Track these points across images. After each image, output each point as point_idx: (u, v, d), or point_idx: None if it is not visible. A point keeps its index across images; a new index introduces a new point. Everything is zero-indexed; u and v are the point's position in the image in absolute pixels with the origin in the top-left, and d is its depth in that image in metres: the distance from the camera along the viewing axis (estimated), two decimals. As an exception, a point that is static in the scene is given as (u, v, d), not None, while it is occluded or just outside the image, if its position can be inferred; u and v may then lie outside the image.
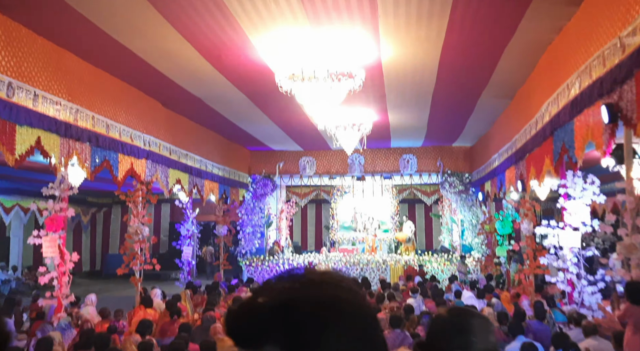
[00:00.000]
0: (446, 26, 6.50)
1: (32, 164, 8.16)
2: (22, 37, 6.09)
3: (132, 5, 5.82)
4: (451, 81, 8.93)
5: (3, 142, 5.43)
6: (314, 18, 6.34)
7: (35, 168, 9.78)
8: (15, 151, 5.66)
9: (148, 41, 7.00)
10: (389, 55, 7.54)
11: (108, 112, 7.88)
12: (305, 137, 14.14)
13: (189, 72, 8.34)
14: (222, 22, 6.39)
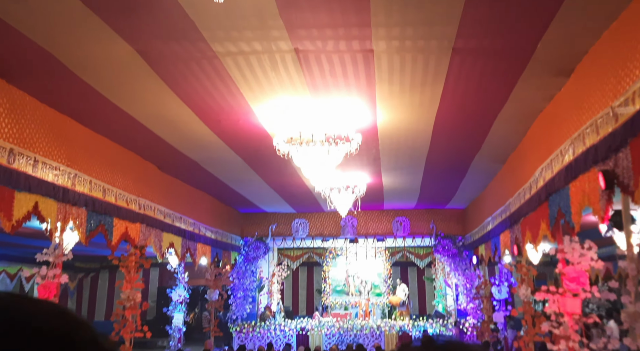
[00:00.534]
0: (440, 93, 6.71)
1: (22, 229, 8.05)
2: (25, 104, 6.21)
3: (136, 72, 5.96)
4: (445, 145, 9.10)
5: (1, 209, 5.39)
6: (314, 88, 6.54)
7: (24, 233, 9.61)
8: (13, 216, 5.62)
9: (149, 107, 7.13)
10: (384, 119, 7.73)
11: (105, 177, 7.90)
12: (299, 199, 14.17)
13: (186, 136, 8.44)
14: (223, 89, 6.55)
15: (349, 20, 4.97)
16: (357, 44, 5.42)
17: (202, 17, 4.86)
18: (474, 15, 4.80)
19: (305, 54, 5.60)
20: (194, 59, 5.71)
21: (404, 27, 5.09)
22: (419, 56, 5.70)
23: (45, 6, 4.69)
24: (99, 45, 5.34)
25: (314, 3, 4.66)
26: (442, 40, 5.32)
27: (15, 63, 5.74)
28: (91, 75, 6.05)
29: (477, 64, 5.90)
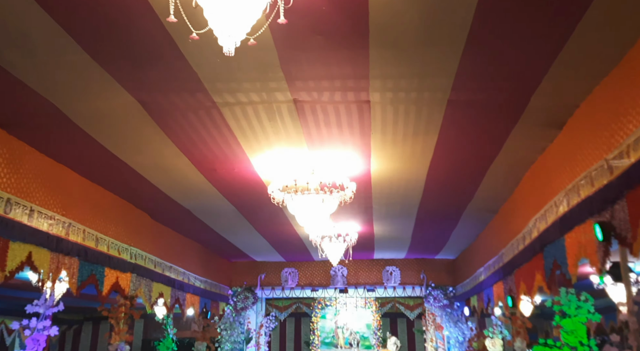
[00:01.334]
0: (434, 144, 6.83)
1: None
2: (24, 154, 6.23)
3: (136, 122, 6.01)
4: (437, 194, 9.18)
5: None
6: (309, 137, 6.64)
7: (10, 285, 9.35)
8: (6, 267, 5.52)
9: (146, 156, 7.14)
10: (378, 169, 7.81)
11: (98, 226, 7.83)
12: (289, 248, 14.05)
13: (181, 185, 8.42)
14: (219, 138, 6.62)
15: (346, 72, 5.10)
16: (353, 95, 5.55)
17: (204, 69, 4.97)
18: (469, 69, 4.97)
19: (302, 104, 5.72)
20: (192, 109, 5.79)
21: (398, 79, 5.24)
22: (412, 107, 5.84)
23: (53, 59, 4.76)
24: (101, 96, 5.41)
25: (313, 56, 4.80)
26: (436, 92, 5.47)
27: (17, 114, 5.77)
28: (91, 125, 6.09)
29: (471, 115, 6.05)
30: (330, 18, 4.19)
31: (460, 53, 4.68)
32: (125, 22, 4.22)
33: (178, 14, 3.22)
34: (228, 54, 3.23)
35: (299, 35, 4.42)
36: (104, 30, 4.33)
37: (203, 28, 3.31)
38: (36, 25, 4.23)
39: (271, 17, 3.46)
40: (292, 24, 3.61)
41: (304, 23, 4.21)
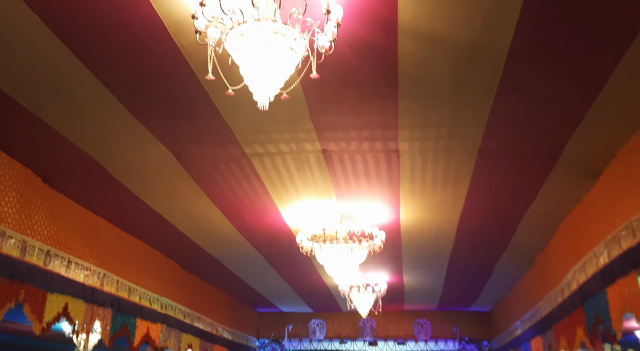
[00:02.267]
0: (465, 193, 6.75)
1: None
2: (64, 207, 6.44)
3: (170, 173, 6.16)
4: (469, 244, 9.00)
5: (33, 310, 5.41)
6: (339, 191, 6.69)
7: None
8: (44, 318, 5.60)
9: (178, 206, 7.27)
10: (408, 217, 7.74)
11: (131, 276, 7.95)
12: (317, 298, 13.85)
13: (211, 234, 8.49)
14: (248, 188, 6.71)
15: (375, 123, 5.16)
16: (381, 144, 5.58)
17: (236, 121, 5.10)
18: (500, 118, 4.96)
19: (330, 154, 5.78)
20: (223, 160, 5.91)
21: (427, 129, 5.26)
22: (441, 156, 5.83)
23: (96, 117, 5.00)
24: (139, 149, 5.59)
25: (343, 107, 4.88)
26: (465, 141, 5.46)
27: (59, 168, 5.99)
28: (128, 177, 6.27)
29: (503, 164, 5.99)
30: (360, 71, 4.29)
31: (491, 102, 4.69)
32: (164, 79, 4.40)
33: (215, 72, 3.34)
34: (262, 108, 3.32)
35: (329, 88, 4.52)
36: (145, 87, 4.53)
37: (238, 84, 3.42)
38: (82, 85, 4.45)
39: (303, 72, 3.56)
40: (323, 77, 3.71)
41: (334, 76, 4.32)
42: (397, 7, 3.52)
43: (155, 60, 4.12)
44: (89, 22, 3.68)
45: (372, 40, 3.87)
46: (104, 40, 3.88)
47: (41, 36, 3.79)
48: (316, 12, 3.18)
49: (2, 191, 5.33)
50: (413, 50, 4.01)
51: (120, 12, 3.56)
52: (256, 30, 3.06)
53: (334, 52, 3.41)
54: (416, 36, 3.84)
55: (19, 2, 3.47)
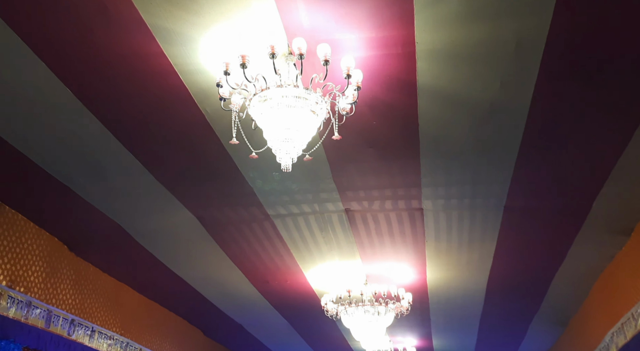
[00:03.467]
0: (494, 250, 6.60)
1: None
2: (89, 275, 6.49)
3: (193, 236, 6.18)
4: (500, 305, 8.71)
5: (56, 383, 5.31)
6: (363, 251, 6.63)
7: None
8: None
9: (200, 270, 7.23)
10: (435, 277, 7.56)
11: (154, 344, 7.83)
12: (344, 365, 13.38)
13: (234, 298, 8.38)
14: (271, 250, 6.67)
15: (397, 182, 5.15)
16: (404, 203, 5.55)
17: (259, 183, 5.13)
18: (524, 175, 4.92)
19: (353, 214, 5.75)
20: (246, 222, 5.92)
21: (450, 187, 5.22)
22: (466, 214, 5.76)
23: (122, 184, 5.09)
24: (163, 214, 5.65)
25: (364, 167, 4.90)
26: (490, 199, 5.39)
27: (85, 235, 6.07)
28: (152, 242, 6.30)
29: (530, 221, 5.87)
30: (381, 131, 4.34)
31: (514, 159, 4.67)
32: (189, 145, 4.50)
33: (239, 136, 3.42)
34: (285, 170, 3.35)
35: (351, 148, 4.57)
36: (170, 153, 4.63)
37: (262, 147, 3.48)
38: (109, 153, 4.56)
39: (325, 134, 3.62)
40: (344, 138, 3.76)
41: (355, 137, 4.37)
42: (416, 69, 3.60)
43: (181, 126, 4.23)
44: (119, 93, 3.83)
45: (392, 101, 3.94)
46: (133, 109, 4.02)
47: (73, 109, 3.94)
48: (337, 76, 3.27)
49: (30, 261, 5.39)
50: (433, 111, 4.05)
51: (149, 83, 3.70)
52: (279, 96, 3.14)
53: (354, 114, 3.47)
54: (436, 97, 3.90)
55: (55, 80, 3.64)
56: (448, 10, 3.11)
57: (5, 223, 5.13)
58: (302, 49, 2.99)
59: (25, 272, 5.30)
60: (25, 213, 5.43)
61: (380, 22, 3.19)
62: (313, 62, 3.35)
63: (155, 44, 3.33)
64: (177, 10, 3.08)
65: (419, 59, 3.49)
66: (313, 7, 3.06)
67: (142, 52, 3.41)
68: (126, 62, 3.50)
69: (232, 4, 3.03)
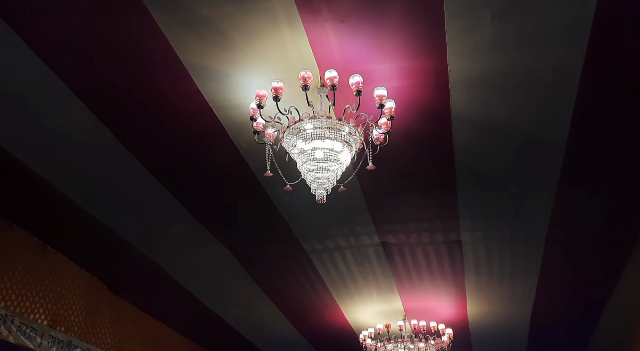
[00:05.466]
0: (537, 283, 6.36)
1: None
2: (127, 313, 6.54)
3: (231, 274, 6.18)
4: (546, 340, 8.36)
5: None
6: (401, 285, 6.52)
7: None
8: None
9: (239, 308, 7.20)
10: (476, 312, 7.33)
11: (193, 385, 7.74)
12: (385, 406, 12.93)
13: (272, 337, 8.29)
14: (309, 288, 6.60)
15: (434, 214, 5.06)
16: (441, 235, 5.44)
17: (294, 218, 5.11)
18: (566, 205, 4.77)
19: (390, 247, 5.66)
20: (282, 258, 5.90)
21: (489, 219, 5.09)
22: (506, 246, 5.60)
23: (160, 222, 5.14)
24: (201, 252, 5.68)
25: (400, 199, 4.83)
26: (531, 230, 5.23)
27: (125, 275, 6.14)
28: (190, 280, 6.32)
29: (574, 253, 5.65)
30: (416, 162, 4.30)
31: (555, 190, 4.53)
32: (225, 180, 4.55)
33: (273, 169, 3.42)
34: (320, 201, 3.33)
35: (386, 180, 4.52)
36: (206, 189, 4.67)
37: (296, 180, 3.47)
38: (148, 192, 4.63)
39: (359, 165, 3.59)
40: (379, 169, 3.74)
41: (390, 168, 4.33)
42: (450, 98, 3.57)
43: (216, 162, 4.29)
44: (157, 132, 3.91)
45: (426, 131, 3.91)
46: (171, 147, 4.10)
47: (114, 150, 4.05)
48: (370, 106, 3.27)
49: (70, 300, 5.46)
50: (469, 140, 3.99)
51: (186, 121, 3.78)
52: (311, 127, 3.15)
53: (388, 145, 3.45)
54: (471, 126, 3.84)
55: (96, 121, 3.75)
56: (481, 39, 3.09)
57: (47, 263, 5.23)
58: (334, 80, 3.01)
59: (65, 311, 5.36)
60: (67, 254, 5.53)
61: (412, 52, 3.19)
62: (345, 94, 3.37)
63: (191, 81, 3.41)
64: (211, 47, 3.15)
65: (452, 88, 3.46)
66: (345, 39, 3.09)
67: (179, 91, 3.50)
68: (165, 101, 3.59)
69: (265, 38, 3.09)
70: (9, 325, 4.50)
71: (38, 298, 5.02)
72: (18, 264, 4.83)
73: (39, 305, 5.02)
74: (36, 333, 4.81)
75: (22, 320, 4.70)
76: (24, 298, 4.84)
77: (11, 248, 4.78)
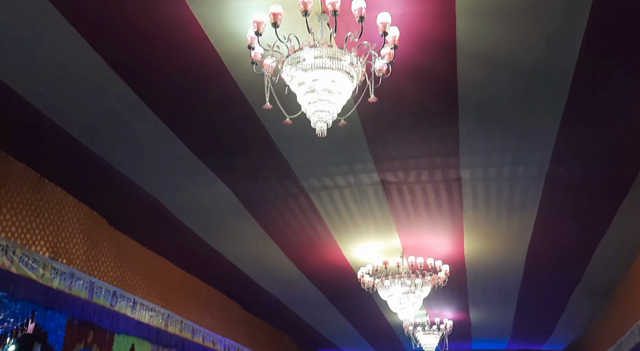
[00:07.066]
0: (534, 221, 6.42)
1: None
2: (128, 248, 6.60)
3: (229, 211, 6.20)
4: (539, 276, 8.52)
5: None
6: (399, 223, 6.55)
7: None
8: (111, 360, 5.66)
9: (238, 245, 7.28)
10: (472, 249, 7.43)
11: (194, 317, 7.99)
12: (380, 338, 13.43)
13: (272, 274, 8.44)
14: (308, 226, 6.64)
15: (435, 150, 5.01)
16: (441, 173, 5.42)
17: (293, 155, 5.07)
18: (569, 142, 4.72)
19: (389, 185, 5.64)
20: (281, 196, 5.90)
21: (490, 155, 5.05)
22: (505, 184, 5.59)
23: (158, 157, 5.10)
24: (200, 188, 5.67)
25: (400, 135, 4.77)
26: (531, 167, 5.21)
27: (124, 209, 6.16)
28: (189, 217, 6.34)
29: (572, 190, 5.66)
30: (418, 96, 4.20)
31: (558, 125, 4.46)
32: (222, 115, 4.46)
33: (272, 102, 3.34)
34: (320, 135, 3.27)
35: (386, 115, 4.44)
36: (204, 123, 4.60)
37: (295, 113, 3.40)
38: (144, 125, 4.56)
39: (360, 98, 3.51)
40: (380, 104, 3.65)
41: (391, 103, 4.24)
42: (456, 28, 3.43)
43: (214, 96, 4.19)
44: (152, 64, 3.80)
45: (429, 64, 3.79)
46: (166, 79, 3.99)
47: (108, 81, 3.94)
48: (372, 34, 3.14)
49: (70, 234, 5.50)
50: (473, 73, 3.88)
51: (182, 51, 3.66)
52: (312, 56, 3.04)
53: (390, 78, 3.35)
54: (476, 58, 3.72)
55: (91, 51, 3.63)
56: (490, -39, 2.93)
57: (45, 196, 5.23)
58: (335, 5, 2.87)
59: (67, 244, 5.41)
60: (65, 187, 5.52)
61: (417, -25, 3.04)
62: (347, 22, 3.23)
63: (186, 7, 3.26)
64: (207, -30, 2.99)
65: (459, 15, 3.32)
66: (346, -39, 2.93)
67: (174, 19, 3.35)
68: (159, 31, 3.45)
69: (263, -39, 2.93)
70: (10, 255, 4.54)
71: (38, 230, 5.05)
72: (16, 196, 4.83)
73: (39, 237, 5.06)
74: (38, 264, 4.88)
75: (23, 251, 4.75)
76: (24, 230, 4.88)
77: (8, 180, 4.77)
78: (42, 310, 4.91)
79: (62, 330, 5.10)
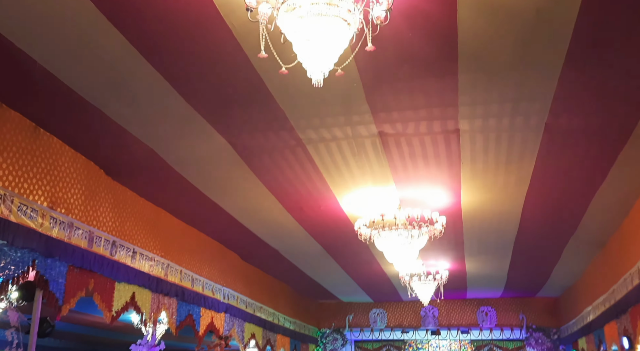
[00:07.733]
0: (531, 172, 6.44)
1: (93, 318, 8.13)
2: (126, 199, 6.63)
3: (227, 164, 6.20)
4: (535, 227, 8.63)
5: (103, 299, 5.63)
6: (397, 175, 6.55)
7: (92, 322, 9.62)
8: (113, 307, 5.79)
9: (236, 197, 7.32)
10: (469, 200, 7.48)
11: (194, 267, 8.12)
12: (377, 288, 13.74)
13: (269, 225, 8.52)
14: (304, 176, 6.65)
15: (433, 101, 4.96)
16: (439, 124, 5.38)
17: (289, 106, 5.01)
18: (568, 92, 4.67)
19: (386, 137, 5.61)
20: (278, 148, 5.87)
21: (489, 105, 5.00)
22: (504, 135, 5.56)
23: (153, 107, 5.04)
24: (196, 140, 5.64)
25: (399, 86, 4.70)
26: (530, 117, 5.18)
27: (121, 160, 6.15)
28: (186, 169, 6.35)
29: (571, 141, 5.65)
30: (417, 45, 4.12)
31: (558, 75, 4.40)
32: (217, 64, 4.37)
33: (268, 51, 3.27)
34: (317, 85, 3.22)
35: (384, 65, 4.37)
36: (198, 73, 4.51)
37: (291, 62, 3.33)
38: (139, 75, 4.49)
39: (357, 46, 3.43)
40: (378, 53, 3.57)
41: (389, 52, 4.16)
42: (456, -27, 3.33)
43: (208, 44, 4.09)
44: (143, 10, 3.70)
45: (429, 10, 3.68)
46: (158, 27, 3.89)
47: (101, 28, 3.84)
48: (370, -21, 3.04)
49: (68, 184, 5.51)
50: (474, 21, 3.79)
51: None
52: (308, 3, 2.95)
53: (389, 26, 3.26)
54: (477, 5, 3.62)
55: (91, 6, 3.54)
56: None
57: (41, 145, 5.20)
58: (332, -52, 2.76)
59: (64, 194, 5.43)
60: (61, 137, 5.48)
61: None
62: (344, -34, 3.11)
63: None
64: None
65: (460, -41, 3.21)
66: None
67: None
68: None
69: None
70: (8, 204, 4.57)
71: (35, 180, 5.05)
72: (12, 146, 4.80)
73: (37, 187, 5.06)
74: (37, 213, 4.91)
75: (21, 200, 4.76)
76: (22, 180, 4.87)
77: (3, 129, 4.73)
78: (42, 258, 4.97)
79: (63, 278, 5.19)
